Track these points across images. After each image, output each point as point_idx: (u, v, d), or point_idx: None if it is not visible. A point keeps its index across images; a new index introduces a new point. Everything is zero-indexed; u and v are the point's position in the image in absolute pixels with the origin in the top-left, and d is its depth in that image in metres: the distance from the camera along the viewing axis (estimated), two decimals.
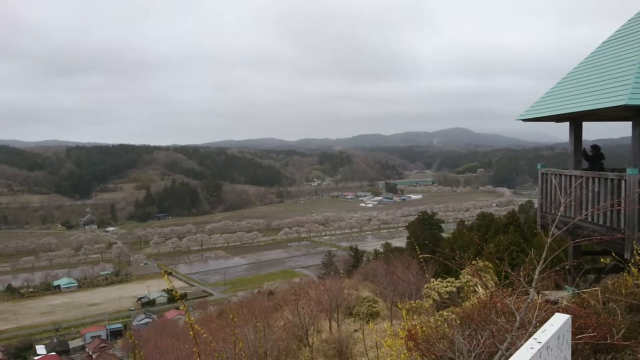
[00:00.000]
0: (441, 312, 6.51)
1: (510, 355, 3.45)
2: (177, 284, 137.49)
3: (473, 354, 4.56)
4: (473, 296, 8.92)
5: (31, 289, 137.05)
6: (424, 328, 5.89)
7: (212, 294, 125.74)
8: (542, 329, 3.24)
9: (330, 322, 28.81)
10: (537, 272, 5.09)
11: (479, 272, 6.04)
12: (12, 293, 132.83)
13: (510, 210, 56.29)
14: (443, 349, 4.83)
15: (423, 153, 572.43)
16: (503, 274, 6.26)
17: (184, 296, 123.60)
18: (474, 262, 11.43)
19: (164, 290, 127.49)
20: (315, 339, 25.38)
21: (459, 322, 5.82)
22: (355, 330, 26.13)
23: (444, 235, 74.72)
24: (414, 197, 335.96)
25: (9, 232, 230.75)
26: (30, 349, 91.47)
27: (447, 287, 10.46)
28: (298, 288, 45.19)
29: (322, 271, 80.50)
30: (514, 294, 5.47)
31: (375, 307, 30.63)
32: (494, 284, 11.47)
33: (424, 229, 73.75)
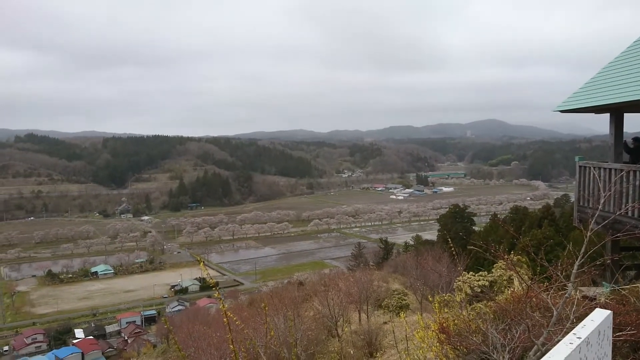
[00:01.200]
0: (474, 306, 6.41)
1: (547, 350, 3.36)
2: (209, 273, 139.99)
3: (507, 349, 4.48)
4: (507, 290, 8.77)
5: (70, 275, 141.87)
6: (456, 321, 5.82)
7: (242, 283, 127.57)
8: (581, 324, 3.14)
9: (359, 314, 28.82)
10: (575, 267, 4.95)
11: (514, 266, 5.91)
12: (53, 278, 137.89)
13: (545, 204, 54.93)
14: (477, 342, 4.75)
15: (455, 145, 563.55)
16: (538, 268, 6.12)
17: (216, 285, 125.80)
18: (508, 255, 11.21)
19: (196, 278, 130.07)
20: (344, 330, 25.46)
21: (492, 316, 5.72)
22: (385, 323, 26.06)
23: (476, 228, 73.59)
24: (445, 189, 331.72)
25: (49, 220, 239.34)
26: (69, 332, 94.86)
27: (479, 280, 10.30)
28: (328, 279, 45.35)
29: (351, 263, 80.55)
30: (551, 288, 5.34)
31: (405, 300, 30.47)
32: (528, 279, 11.23)
33: (456, 222, 72.77)
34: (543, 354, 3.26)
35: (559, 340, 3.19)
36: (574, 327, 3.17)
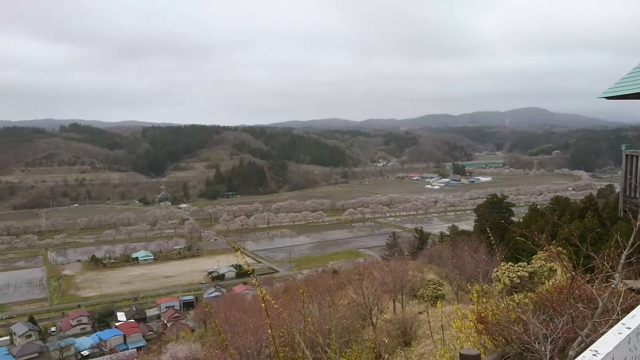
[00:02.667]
0: (513, 296, 6.29)
1: (592, 342, 3.27)
2: (246, 261, 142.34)
3: (550, 339, 4.37)
4: (547, 281, 8.55)
5: (112, 260, 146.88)
6: (495, 311, 5.72)
7: (278, 271, 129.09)
8: (631, 314, 3.02)
9: (394, 303, 28.74)
10: (623, 258, 4.77)
11: (559, 256, 5.73)
12: (96, 263, 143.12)
13: (587, 195, 53.05)
14: (518, 332, 4.65)
15: (493, 134, 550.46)
16: (581, 259, 5.94)
17: (251, 272, 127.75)
18: (550, 246, 10.91)
19: (232, 265, 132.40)
20: (378, 319, 25.44)
21: (532, 306, 5.59)
22: (420, 312, 25.90)
23: (514, 219, 71.98)
24: (483, 179, 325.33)
25: (92, 207, 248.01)
26: (112, 315, 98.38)
27: (518, 271, 10.07)
28: (362, 268, 45.36)
29: (386, 252, 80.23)
30: (595, 280, 5.17)
31: (440, 290, 30.18)
32: (571, 270, 10.92)
33: (493, 212, 71.33)
34: (588, 345, 3.16)
35: (604, 332, 3.09)
36: (620, 319, 3.06)
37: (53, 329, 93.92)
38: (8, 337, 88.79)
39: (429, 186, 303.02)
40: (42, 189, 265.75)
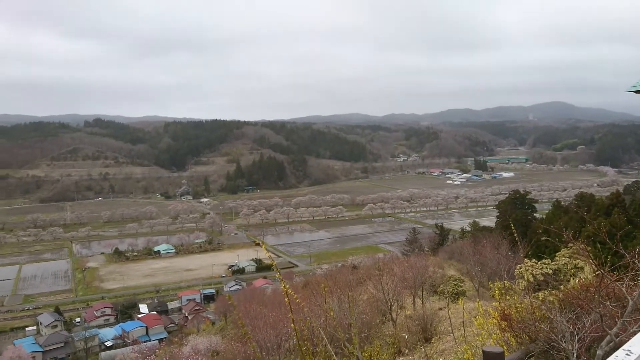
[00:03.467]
0: (537, 294, 6.19)
1: (621, 341, 3.19)
2: (265, 255, 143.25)
3: (577, 338, 4.28)
4: (572, 279, 8.40)
5: (135, 253, 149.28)
6: (519, 308, 5.64)
7: (297, 266, 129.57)
8: None
9: (414, 299, 28.60)
10: None
11: (588, 253, 5.61)
12: (119, 256, 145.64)
13: (614, 191, 51.81)
14: (545, 330, 4.57)
15: (516, 129, 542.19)
16: (609, 257, 5.80)
17: (271, 266, 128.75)
18: (573, 243, 10.70)
19: (252, 259, 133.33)
20: (398, 314, 25.35)
21: (557, 304, 5.49)
22: (440, 309, 25.71)
23: (537, 215, 70.81)
24: (505, 174, 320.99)
25: (115, 201, 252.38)
26: (134, 307, 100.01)
27: (542, 268, 9.91)
28: (382, 263, 45.29)
29: (406, 248, 79.89)
30: (625, 278, 5.04)
31: (461, 287, 29.91)
32: (593, 268, 10.70)
33: (516, 208, 70.24)
34: (617, 344, 3.09)
35: (634, 332, 3.01)
36: None
37: (78, 319, 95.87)
38: (35, 327, 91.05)
39: (450, 182, 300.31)
40: (67, 183, 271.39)
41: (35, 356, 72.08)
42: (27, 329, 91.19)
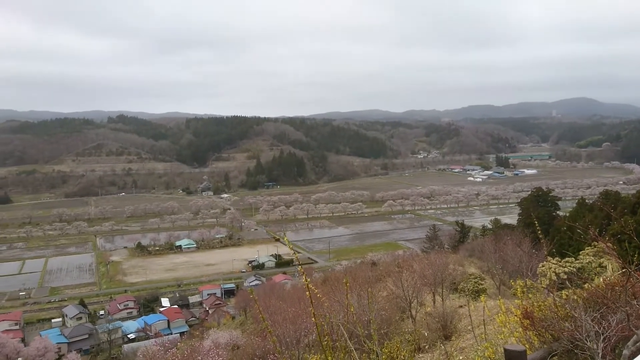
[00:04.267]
0: (561, 293, 6.09)
1: None
2: (284, 250, 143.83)
3: (602, 337, 4.20)
4: (597, 277, 8.25)
5: (157, 248, 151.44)
6: (542, 307, 5.56)
7: (316, 262, 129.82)
8: None
9: (434, 296, 28.42)
10: None
11: (614, 251, 5.50)
12: (142, 250, 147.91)
13: None
14: (569, 329, 4.50)
15: (539, 125, 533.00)
16: (636, 255, 5.67)
17: (290, 262, 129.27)
18: (598, 241, 10.49)
19: (272, 255, 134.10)
20: (418, 311, 25.23)
21: (581, 303, 5.40)
22: (460, 306, 25.52)
23: (561, 213, 69.60)
24: (527, 172, 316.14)
25: (138, 196, 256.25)
26: (156, 300, 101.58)
27: (565, 267, 9.75)
28: (401, 260, 45.08)
29: (426, 245, 79.38)
30: None
31: (481, 285, 29.63)
32: (619, 266, 10.47)
33: (538, 206, 69.18)
34: None
35: None
36: None
37: (102, 312, 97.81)
38: (60, 319, 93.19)
39: (471, 178, 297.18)
40: (91, 178, 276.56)
41: (60, 347, 73.75)
42: (53, 320, 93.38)
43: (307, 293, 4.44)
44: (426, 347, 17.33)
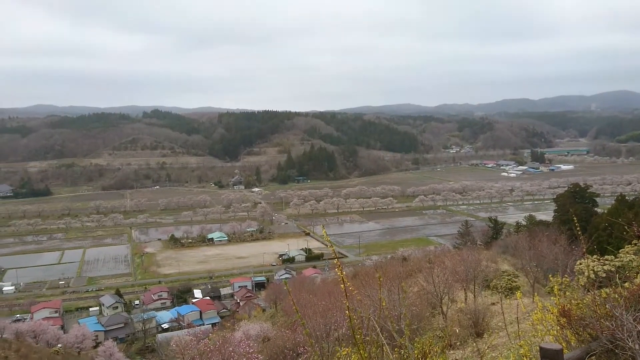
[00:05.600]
0: (600, 291, 5.91)
1: None
2: (314, 245, 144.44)
3: None
4: (638, 276, 7.97)
5: (190, 240, 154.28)
6: (580, 305, 5.41)
7: (347, 256, 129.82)
8: None
9: (465, 293, 28.07)
10: None
11: None
12: (175, 243, 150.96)
13: None
14: (610, 328, 4.35)
15: (577, 119, 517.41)
16: None
17: (320, 256, 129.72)
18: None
19: (302, 249, 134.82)
20: (449, 308, 24.96)
21: (621, 302, 5.23)
22: (493, 304, 25.13)
23: (598, 210, 67.50)
24: (564, 167, 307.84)
25: (171, 189, 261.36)
26: (189, 292, 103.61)
27: (604, 265, 9.46)
28: (433, 256, 44.66)
29: (457, 241, 78.38)
30: None
31: (515, 282, 29.10)
32: None
33: (575, 202, 67.29)
34: None
35: None
36: None
37: (137, 302, 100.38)
38: (97, 308, 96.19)
39: (505, 174, 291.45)
40: (127, 172, 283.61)
41: (97, 335, 76.07)
42: (90, 309, 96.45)
43: (342, 286, 4.45)
44: (457, 344, 17.14)
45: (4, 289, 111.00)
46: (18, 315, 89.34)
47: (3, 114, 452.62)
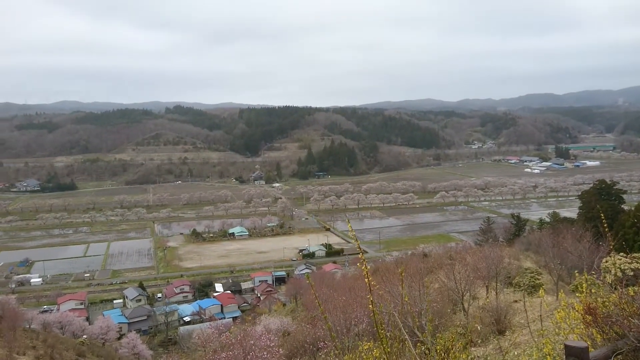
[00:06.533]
0: (628, 289, 5.81)
1: None
2: (334, 240, 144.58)
3: None
4: None
5: (211, 235, 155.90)
6: (606, 303, 5.33)
7: (367, 252, 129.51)
8: None
9: (487, 290, 27.81)
10: None
11: None
12: (197, 237, 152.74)
13: None
14: (638, 326, 4.26)
15: (603, 114, 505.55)
16: None
17: (340, 252, 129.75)
18: None
19: (322, 244, 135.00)
20: (470, 304, 24.77)
21: None
22: (515, 301, 24.86)
23: (625, 207, 65.96)
24: (589, 163, 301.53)
25: (193, 184, 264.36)
26: (210, 286, 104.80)
27: (632, 263, 9.27)
28: (454, 252, 44.30)
29: (479, 237, 77.63)
30: None
31: (538, 279, 28.72)
32: None
33: (601, 199, 65.90)
34: None
35: None
36: None
37: (159, 295, 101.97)
38: (121, 300, 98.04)
39: (528, 170, 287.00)
40: (150, 167, 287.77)
41: (121, 327, 77.60)
42: (114, 301, 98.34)
43: (366, 281, 4.47)
44: (478, 341, 17.00)
45: (32, 280, 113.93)
46: (45, 307, 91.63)
47: (31, 110, 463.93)
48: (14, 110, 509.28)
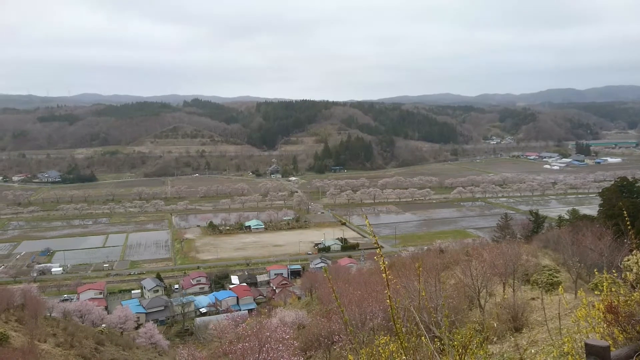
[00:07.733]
0: None
1: None
2: (350, 234, 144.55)
3: None
4: None
5: (227, 227, 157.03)
6: (629, 302, 5.24)
7: (382, 247, 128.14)
8: None
9: (504, 287, 27.57)
10: None
11: None
12: (213, 229, 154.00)
13: None
14: None
15: (626, 110, 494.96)
16: None
17: (356, 246, 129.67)
18: None
19: (338, 238, 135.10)
20: (487, 301, 24.58)
21: None
22: (532, 299, 24.61)
23: None
24: (611, 160, 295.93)
25: (210, 177, 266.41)
26: (226, 278, 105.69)
27: None
28: (471, 249, 43.99)
29: (496, 234, 76.83)
30: None
31: (556, 277, 28.35)
32: None
33: (622, 196, 64.64)
34: None
35: None
36: None
37: (176, 286, 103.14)
38: (139, 291, 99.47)
39: (548, 166, 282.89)
40: (168, 159, 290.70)
41: (139, 317, 78.74)
42: (132, 291, 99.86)
43: (384, 275, 4.46)
44: (494, 339, 16.88)
45: (53, 270, 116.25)
46: (65, 296, 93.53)
47: (52, 102, 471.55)
48: (36, 102, 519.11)
